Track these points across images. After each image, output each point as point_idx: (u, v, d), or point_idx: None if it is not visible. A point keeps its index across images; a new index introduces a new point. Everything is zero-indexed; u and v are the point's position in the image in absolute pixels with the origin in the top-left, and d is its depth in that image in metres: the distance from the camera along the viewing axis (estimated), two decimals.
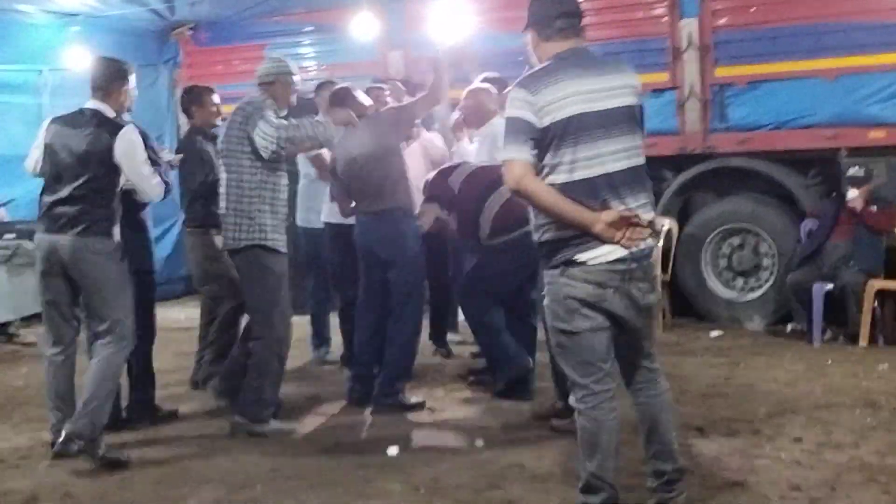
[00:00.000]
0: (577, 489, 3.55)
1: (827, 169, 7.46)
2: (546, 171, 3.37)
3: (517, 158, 3.34)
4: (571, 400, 3.59)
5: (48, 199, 4.80)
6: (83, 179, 4.68)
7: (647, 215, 3.39)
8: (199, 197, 6.03)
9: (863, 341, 6.78)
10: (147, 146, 4.90)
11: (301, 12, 9.37)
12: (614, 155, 3.38)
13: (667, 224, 7.50)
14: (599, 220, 3.29)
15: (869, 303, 6.79)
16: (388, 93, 6.46)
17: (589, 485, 3.49)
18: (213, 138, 6.11)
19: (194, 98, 6.32)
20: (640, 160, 3.47)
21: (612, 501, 3.49)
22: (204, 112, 6.25)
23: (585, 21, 3.64)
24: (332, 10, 9.05)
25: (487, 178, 5.50)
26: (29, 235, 7.97)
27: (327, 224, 6.39)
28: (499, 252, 5.59)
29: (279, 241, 5.04)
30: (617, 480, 3.53)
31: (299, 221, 6.78)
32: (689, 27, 7.77)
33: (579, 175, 3.35)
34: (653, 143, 6.38)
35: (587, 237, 3.31)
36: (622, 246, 3.32)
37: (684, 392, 5.68)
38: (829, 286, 6.94)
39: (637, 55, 7.77)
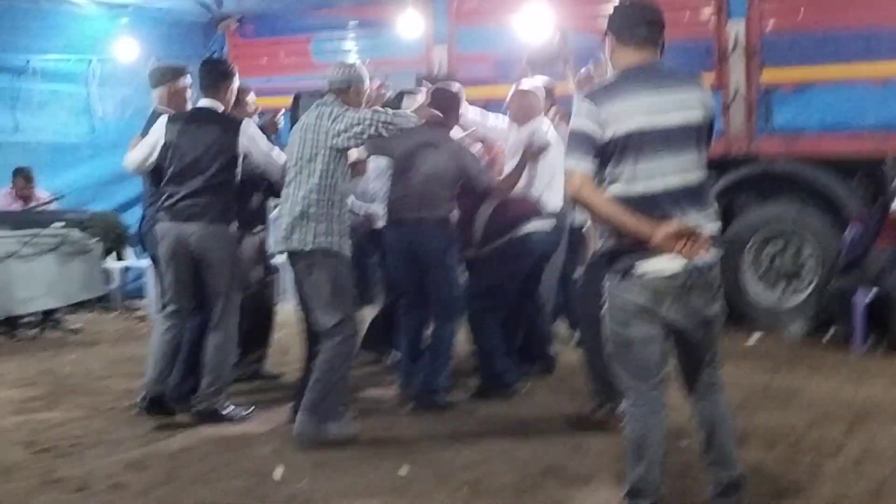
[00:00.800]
0: (623, 494, 3.59)
1: (872, 175, 7.42)
2: (608, 181, 3.43)
3: (577, 169, 3.41)
4: (622, 405, 3.63)
5: (174, 191, 5.25)
6: (210, 173, 5.20)
7: (709, 228, 3.41)
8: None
9: None
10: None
11: (346, 6, 9.42)
12: (676, 169, 3.42)
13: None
14: (658, 232, 3.30)
15: None
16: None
17: (635, 489, 3.52)
18: None
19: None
20: (704, 174, 3.50)
21: None
22: (242, 112, 6.20)
23: None
24: (377, 4, 9.10)
25: (480, 189, 5.69)
26: (78, 224, 8.15)
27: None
28: (489, 261, 5.78)
29: (347, 245, 5.06)
30: (662, 486, 3.56)
31: None
32: (736, 28, 7.75)
33: (640, 187, 3.39)
34: None
35: (646, 248, 3.34)
36: (682, 256, 3.32)
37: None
38: (873, 294, 6.90)
39: (683, 55, 7.64)
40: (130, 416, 5.58)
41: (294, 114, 8.61)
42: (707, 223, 3.42)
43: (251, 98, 6.40)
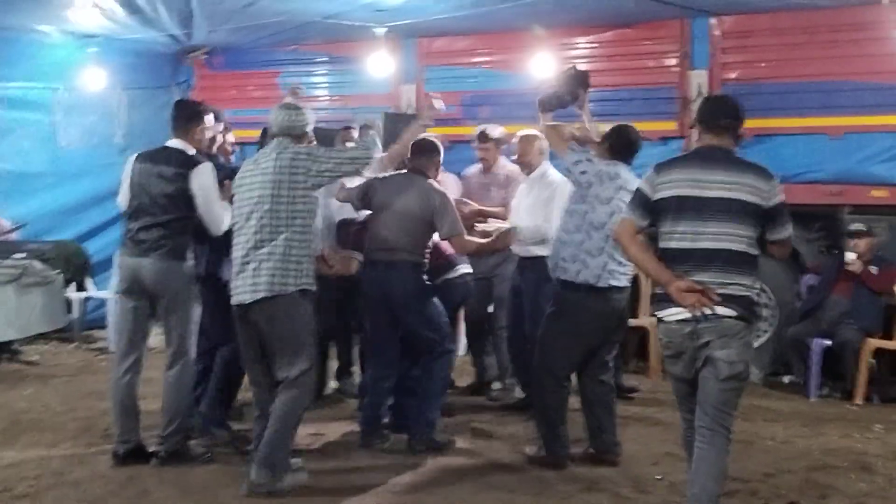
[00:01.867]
0: None
1: (829, 225, 7.58)
2: (659, 236, 4.10)
3: (625, 218, 4.22)
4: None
5: (133, 226, 5.28)
6: (165, 211, 5.18)
7: (729, 289, 3.91)
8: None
9: (859, 399, 6.88)
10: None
11: (316, 43, 9.47)
12: (706, 235, 3.95)
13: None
14: (672, 283, 3.93)
15: (866, 361, 6.90)
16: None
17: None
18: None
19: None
20: (738, 245, 3.96)
21: None
22: (221, 150, 6.19)
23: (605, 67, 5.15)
24: (346, 42, 9.15)
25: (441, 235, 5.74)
26: (39, 255, 8.09)
27: None
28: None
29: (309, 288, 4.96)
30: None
31: None
32: (698, 78, 7.92)
33: (675, 244, 4.03)
34: None
35: (669, 298, 3.98)
36: (687, 309, 3.92)
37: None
38: (828, 342, 7.04)
39: (646, 103, 7.95)
40: (89, 454, 5.53)
41: (262, 145, 8.71)
42: (729, 284, 3.91)
43: (230, 137, 6.36)
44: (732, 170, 4.04)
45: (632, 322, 7.66)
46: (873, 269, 7.07)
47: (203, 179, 5.20)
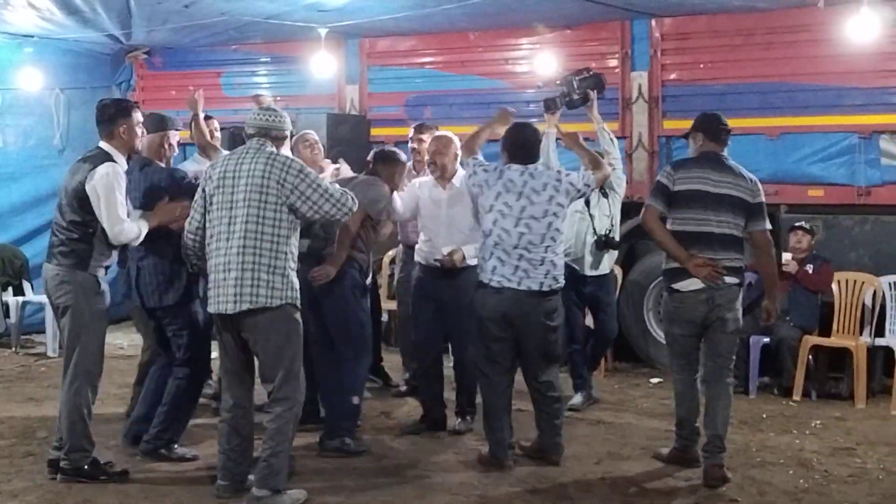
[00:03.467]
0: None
1: None
2: (669, 220, 5.21)
3: (650, 205, 5.26)
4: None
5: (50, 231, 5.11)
6: (69, 212, 4.94)
7: (729, 263, 5.18)
8: None
9: (797, 395, 7.01)
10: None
11: (259, 42, 9.40)
12: (711, 222, 5.14)
13: None
14: (690, 261, 5.12)
15: (804, 358, 7.03)
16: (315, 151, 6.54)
17: (679, 422, 5.42)
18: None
19: None
20: (734, 231, 5.22)
21: (691, 439, 5.36)
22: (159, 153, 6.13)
23: (536, 66, 7.15)
24: (289, 41, 9.11)
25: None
26: None
27: None
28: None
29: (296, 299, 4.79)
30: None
31: None
32: (639, 80, 8.02)
33: (689, 228, 5.17)
34: None
35: (685, 272, 5.13)
36: (702, 280, 5.11)
37: (625, 445, 5.85)
38: (766, 339, 7.16)
39: None
40: (27, 462, 5.44)
41: (230, 148, 8.60)
42: (729, 260, 5.16)
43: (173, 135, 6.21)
44: (734, 172, 5.25)
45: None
46: (809, 268, 7.19)
47: (98, 178, 4.84)
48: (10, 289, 8.80)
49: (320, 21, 8.13)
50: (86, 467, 5.02)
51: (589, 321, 6.94)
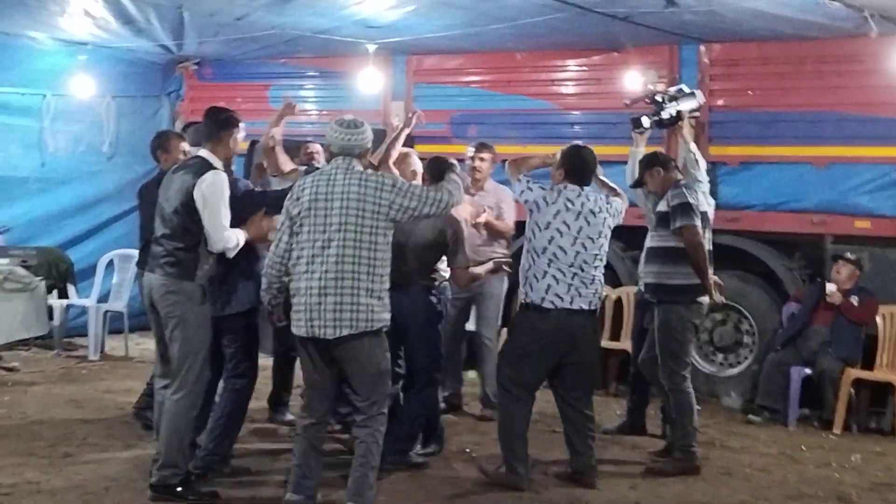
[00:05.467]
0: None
1: (812, 254, 7.64)
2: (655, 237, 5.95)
3: (695, 225, 5.71)
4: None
5: (148, 240, 5.14)
6: (174, 219, 4.91)
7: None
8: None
9: (837, 429, 6.91)
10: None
11: (307, 56, 9.48)
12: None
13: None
14: (710, 279, 5.75)
15: (845, 391, 6.93)
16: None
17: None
18: None
19: (162, 144, 6.23)
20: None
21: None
22: (170, 158, 6.09)
23: (593, 90, 7.75)
24: (337, 56, 9.18)
25: None
26: (22, 261, 8.06)
27: None
28: None
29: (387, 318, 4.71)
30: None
31: None
32: None
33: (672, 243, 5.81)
34: (642, 214, 6.60)
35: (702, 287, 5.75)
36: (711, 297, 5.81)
37: (660, 471, 5.80)
38: (808, 371, 7.08)
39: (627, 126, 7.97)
40: (66, 463, 5.50)
41: (249, 160, 8.71)
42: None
43: (184, 145, 6.16)
44: None
45: (614, 345, 7.76)
46: (854, 300, 7.10)
47: (207, 186, 4.83)
48: (54, 292, 8.91)
49: (369, 37, 8.19)
50: (177, 486, 4.90)
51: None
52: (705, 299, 5.85)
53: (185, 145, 6.21)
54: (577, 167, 5.39)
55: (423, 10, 7.12)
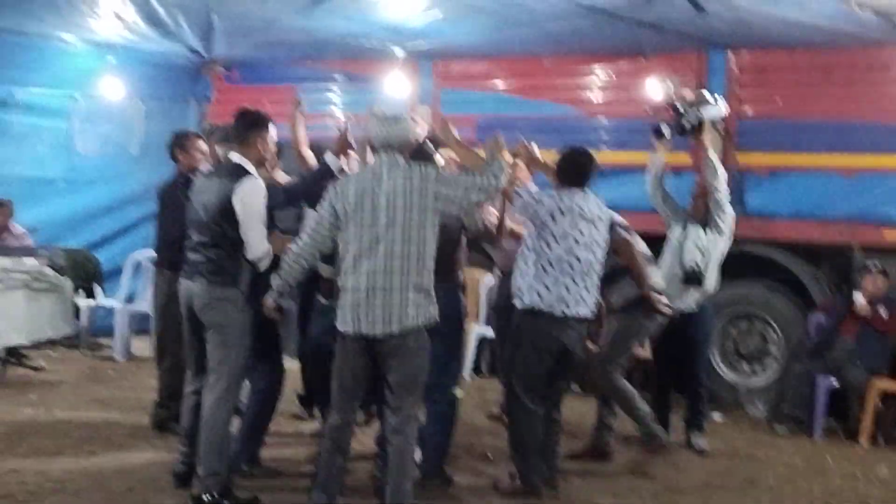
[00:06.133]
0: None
1: (839, 264, 7.57)
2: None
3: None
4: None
5: (187, 245, 4.99)
6: (213, 227, 4.82)
7: None
8: (175, 242, 5.68)
9: (863, 440, 6.85)
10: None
11: (334, 60, 9.51)
12: None
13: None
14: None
15: (872, 402, 6.87)
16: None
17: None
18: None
19: (180, 142, 6.25)
20: None
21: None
22: (188, 157, 6.17)
23: (620, 97, 7.45)
24: (365, 60, 9.21)
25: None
26: (50, 261, 8.12)
27: None
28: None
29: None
30: None
31: None
32: None
33: None
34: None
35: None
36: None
37: (684, 480, 5.77)
38: (834, 381, 7.02)
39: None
40: (92, 463, 5.54)
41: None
42: None
43: (202, 145, 6.22)
44: None
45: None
46: (881, 310, 7.04)
47: (246, 192, 4.77)
48: (81, 292, 8.97)
49: (397, 42, 8.22)
50: (220, 495, 4.83)
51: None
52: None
53: (203, 145, 6.24)
54: (578, 169, 5.32)
55: (451, 15, 7.14)
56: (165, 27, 8.12)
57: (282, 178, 5.76)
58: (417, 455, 4.94)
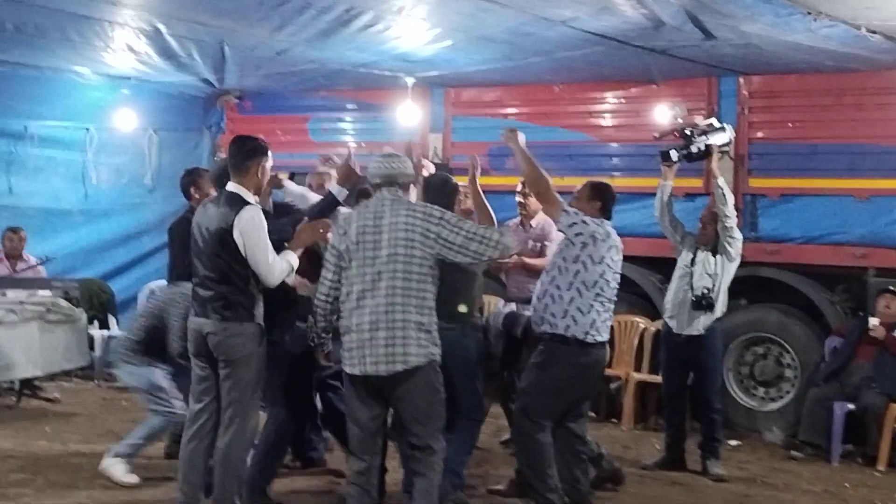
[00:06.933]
0: None
1: (854, 287, 7.54)
2: None
3: None
4: None
5: (194, 281, 4.87)
6: (216, 261, 4.70)
7: None
8: (183, 277, 5.70)
9: (881, 465, 6.78)
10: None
11: (345, 89, 9.57)
12: None
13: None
14: None
15: (890, 426, 6.81)
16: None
17: None
18: None
19: (193, 180, 6.25)
20: None
21: None
22: (201, 195, 6.08)
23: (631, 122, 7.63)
24: (375, 89, 9.26)
25: None
26: (64, 292, 8.16)
27: None
28: None
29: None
30: None
31: None
32: None
33: None
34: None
35: None
36: None
37: None
38: (851, 406, 6.97)
39: None
40: (106, 496, 5.53)
41: None
42: None
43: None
44: None
45: (653, 379, 7.70)
46: None
47: (246, 221, 4.63)
48: (95, 322, 9.01)
49: (408, 71, 8.26)
50: None
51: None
52: None
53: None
54: (609, 202, 5.47)
55: (461, 44, 7.17)
56: (178, 59, 8.19)
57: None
58: None
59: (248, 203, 4.71)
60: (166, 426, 5.86)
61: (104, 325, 9.17)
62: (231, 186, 4.77)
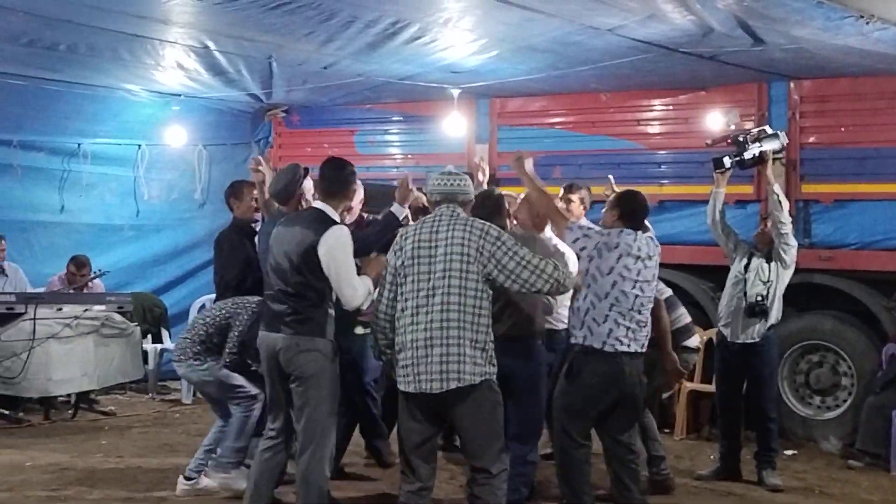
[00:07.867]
0: None
1: None
2: None
3: None
4: None
5: (267, 295, 4.95)
6: (296, 276, 4.73)
7: None
8: (231, 288, 5.96)
9: None
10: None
11: (391, 102, 9.62)
12: None
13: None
14: None
15: None
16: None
17: None
18: (252, 233, 6.13)
19: (234, 192, 6.31)
20: None
21: None
22: (243, 207, 6.23)
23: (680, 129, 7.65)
24: (421, 101, 9.29)
25: None
26: (118, 307, 8.27)
27: None
28: None
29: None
30: None
31: None
32: None
33: None
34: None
35: None
36: None
37: None
38: None
39: None
40: None
41: None
42: None
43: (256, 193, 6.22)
44: None
45: (706, 388, 7.60)
46: None
47: (333, 241, 4.66)
48: (149, 336, 9.13)
49: (453, 82, 8.27)
50: None
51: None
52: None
53: (257, 193, 6.19)
54: (634, 211, 5.31)
55: (507, 54, 7.17)
56: (227, 75, 8.29)
57: None
58: None
59: (335, 222, 4.77)
60: (250, 414, 5.70)
61: (157, 338, 9.29)
62: (319, 204, 4.87)
